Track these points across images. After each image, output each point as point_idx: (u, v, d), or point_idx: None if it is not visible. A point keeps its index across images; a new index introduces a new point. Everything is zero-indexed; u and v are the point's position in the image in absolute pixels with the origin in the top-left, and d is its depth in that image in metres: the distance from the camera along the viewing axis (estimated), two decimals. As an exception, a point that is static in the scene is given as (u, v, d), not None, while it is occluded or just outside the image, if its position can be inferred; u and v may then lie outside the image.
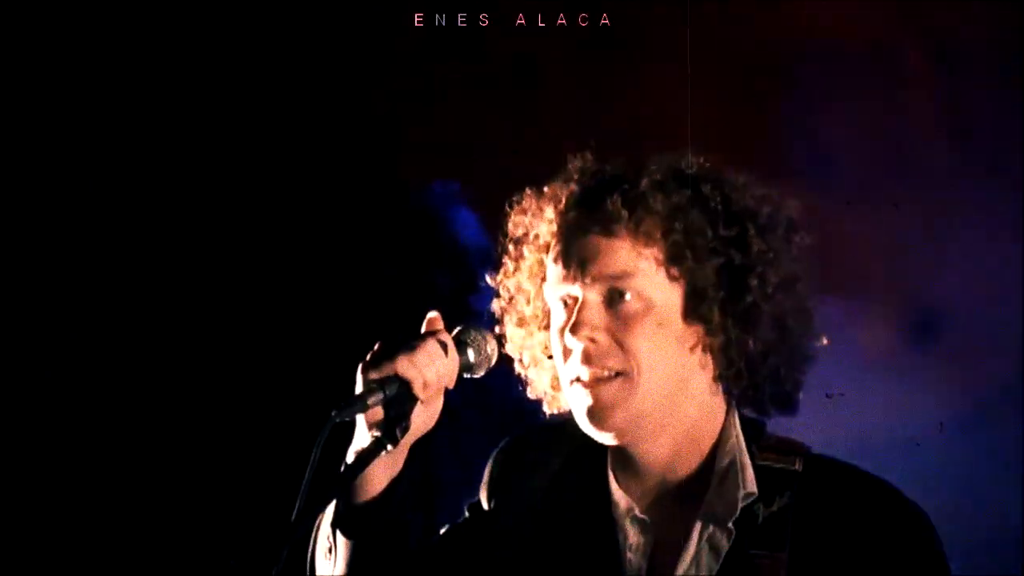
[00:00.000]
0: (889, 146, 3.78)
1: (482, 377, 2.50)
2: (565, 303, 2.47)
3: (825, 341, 2.51)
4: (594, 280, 2.43)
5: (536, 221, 2.53)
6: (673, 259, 2.41)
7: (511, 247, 2.57)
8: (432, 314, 2.49)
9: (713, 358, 2.44)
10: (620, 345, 2.41)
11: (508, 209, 2.59)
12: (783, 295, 2.44)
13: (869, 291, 3.75)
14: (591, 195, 2.47)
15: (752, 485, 2.39)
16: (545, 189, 2.55)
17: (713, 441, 2.45)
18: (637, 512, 2.46)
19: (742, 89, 3.94)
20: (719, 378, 2.45)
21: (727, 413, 2.47)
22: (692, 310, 2.41)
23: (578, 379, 2.44)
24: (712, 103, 3.53)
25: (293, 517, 2.30)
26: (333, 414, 2.33)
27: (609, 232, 2.43)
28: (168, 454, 4.29)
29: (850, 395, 3.41)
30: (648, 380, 2.40)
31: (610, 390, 2.42)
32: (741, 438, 2.44)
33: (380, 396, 2.38)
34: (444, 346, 2.43)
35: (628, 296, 2.41)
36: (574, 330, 2.42)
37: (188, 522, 4.15)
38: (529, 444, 2.60)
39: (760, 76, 3.93)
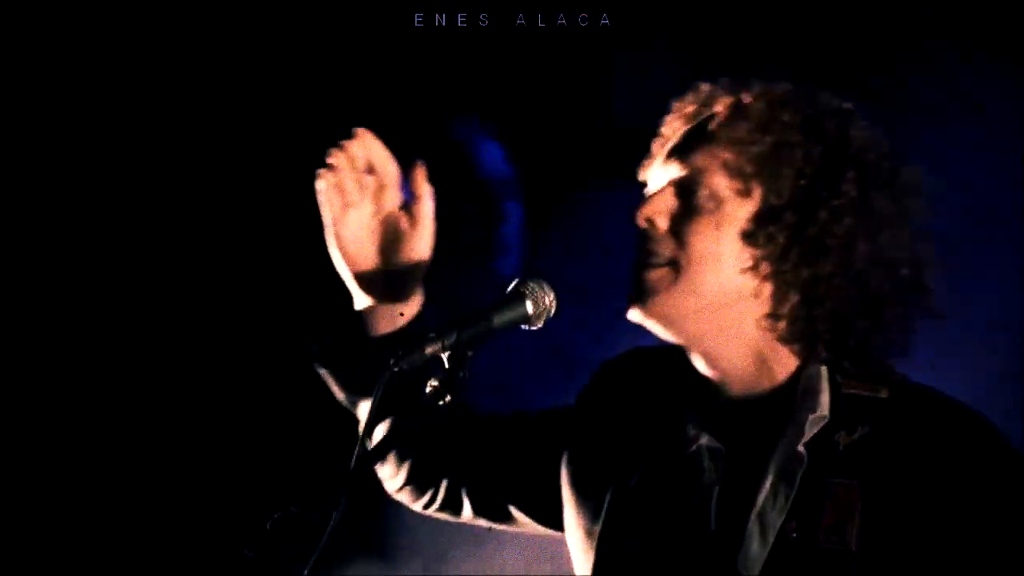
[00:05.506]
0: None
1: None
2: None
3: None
4: (675, 168, 2.46)
5: (670, 117, 2.57)
6: (753, 171, 2.40)
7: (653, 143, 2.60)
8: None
9: (770, 286, 2.39)
10: (676, 236, 2.41)
11: None
12: (862, 244, 2.37)
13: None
14: (710, 99, 2.51)
15: (824, 409, 2.34)
16: (690, 94, 2.57)
17: (790, 370, 2.41)
18: (711, 440, 2.45)
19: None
20: (772, 315, 2.40)
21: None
22: (758, 229, 2.38)
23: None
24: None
25: (352, 464, 2.32)
26: (392, 363, 2.36)
27: (705, 130, 2.46)
28: (232, 402, 4.32)
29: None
30: (694, 276, 2.38)
31: (656, 273, 2.41)
32: (823, 369, 2.39)
33: (438, 345, 2.40)
34: None
35: (699, 192, 2.41)
36: (640, 207, 2.45)
37: (250, 470, 4.18)
38: (633, 362, 2.62)
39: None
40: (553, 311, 2.51)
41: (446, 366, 2.40)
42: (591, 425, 2.63)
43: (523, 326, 2.49)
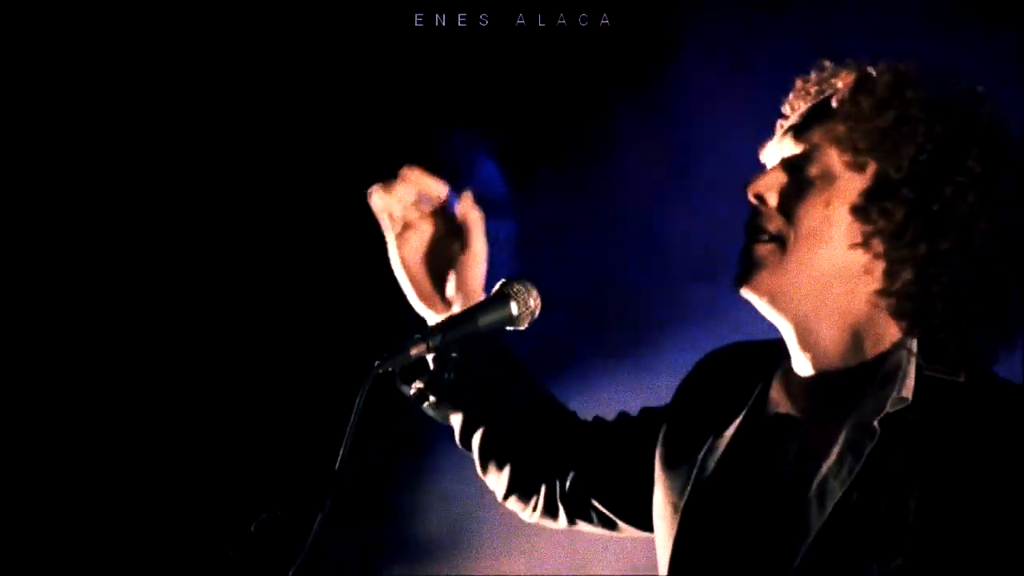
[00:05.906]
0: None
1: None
2: None
3: None
4: (790, 145, 2.44)
5: (792, 96, 2.54)
6: (867, 145, 2.36)
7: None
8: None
9: (882, 262, 2.36)
10: (784, 212, 2.39)
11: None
12: (982, 221, 2.34)
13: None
14: (833, 75, 2.48)
15: (907, 392, 2.30)
16: (813, 73, 2.53)
17: (881, 349, 2.38)
18: (789, 409, 2.45)
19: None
20: (882, 291, 2.37)
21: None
22: (870, 203, 2.34)
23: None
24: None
25: (336, 466, 2.31)
26: (376, 365, 2.36)
27: (825, 107, 2.43)
28: (218, 405, 4.34)
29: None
30: (802, 253, 2.36)
31: (762, 250, 2.39)
32: (914, 349, 2.35)
33: (423, 347, 2.40)
34: None
35: (811, 168, 2.39)
36: (751, 183, 2.43)
37: (235, 473, 4.20)
38: (733, 351, 2.63)
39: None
40: (538, 312, 2.51)
41: (431, 367, 2.41)
42: (686, 407, 2.64)
43: (508, 327, 2.50)
